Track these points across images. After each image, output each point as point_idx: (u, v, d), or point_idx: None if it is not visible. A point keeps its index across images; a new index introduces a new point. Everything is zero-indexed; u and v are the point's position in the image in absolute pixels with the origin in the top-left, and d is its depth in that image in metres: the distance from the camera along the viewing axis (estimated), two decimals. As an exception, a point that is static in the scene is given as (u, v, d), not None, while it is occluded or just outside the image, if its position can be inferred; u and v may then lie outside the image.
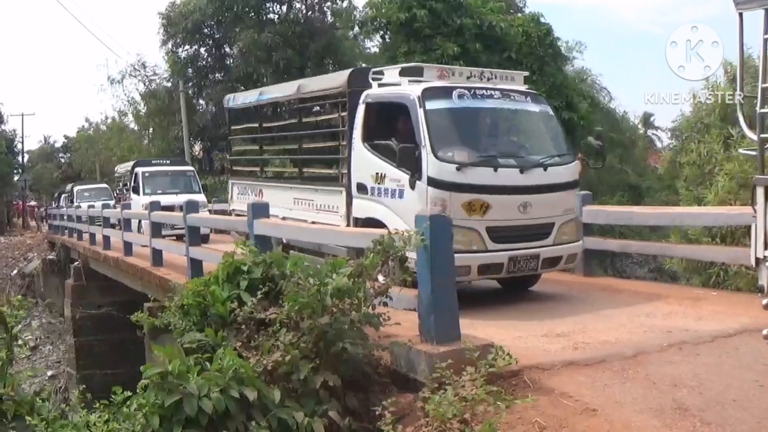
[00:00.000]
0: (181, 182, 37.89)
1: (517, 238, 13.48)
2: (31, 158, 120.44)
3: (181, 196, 31.16)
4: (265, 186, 20.32)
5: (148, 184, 36.52)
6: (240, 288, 10.30)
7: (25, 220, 79.81)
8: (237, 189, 22.40)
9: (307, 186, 17.85)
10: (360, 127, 14.95)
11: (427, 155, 13.01)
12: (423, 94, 13.57)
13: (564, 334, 10.83)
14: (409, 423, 7.89)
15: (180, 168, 41.08)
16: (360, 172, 14.85)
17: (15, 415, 9.90)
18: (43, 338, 39.60)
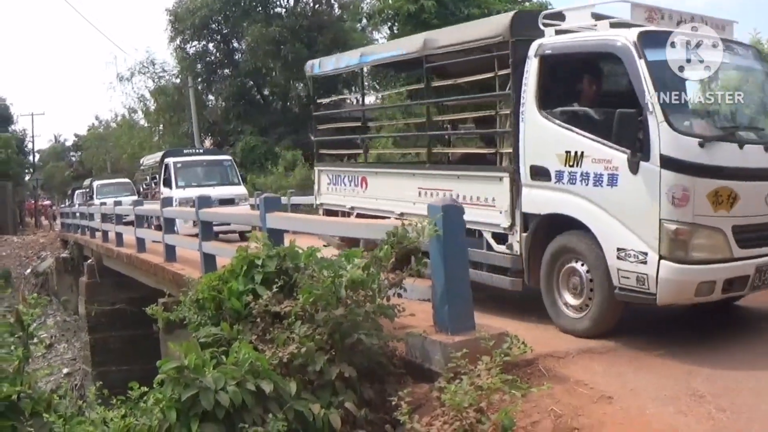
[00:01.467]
0: (217, 173, 34.36)
1: (765, 240, 10.38)
2: (42, 157, 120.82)
3: (218, 189, 30.90)
4: (370, 173, 16.12)
5: (181, 176, 33.06)
6: (255, 281, 10.29)
7: (37, 219, 79.88)
8: (326, 178, 17.94)
9: (443, 172, 14.05)
10: (533, 89, 11.45)
11: (657, 125, 9.67)
12: (640, 40, 10.19)
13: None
14: (425, 413, 7.91)
15: (216, 157, 37.25)
16: (536, 150, 11.40)
17: (32, 412, 9.93)
18: (58, 336, 39.73)
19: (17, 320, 10.34)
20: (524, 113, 11.59)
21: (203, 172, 34.10)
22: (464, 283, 9.38)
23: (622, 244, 10.01)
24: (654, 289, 9.63)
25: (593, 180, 10.50)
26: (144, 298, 16.91)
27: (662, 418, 7.45)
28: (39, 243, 57.54)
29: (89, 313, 31.10)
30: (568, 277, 10.99)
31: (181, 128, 61.18)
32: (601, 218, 10.35)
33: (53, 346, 38.22)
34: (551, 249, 11.20)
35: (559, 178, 11.01)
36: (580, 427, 7.37)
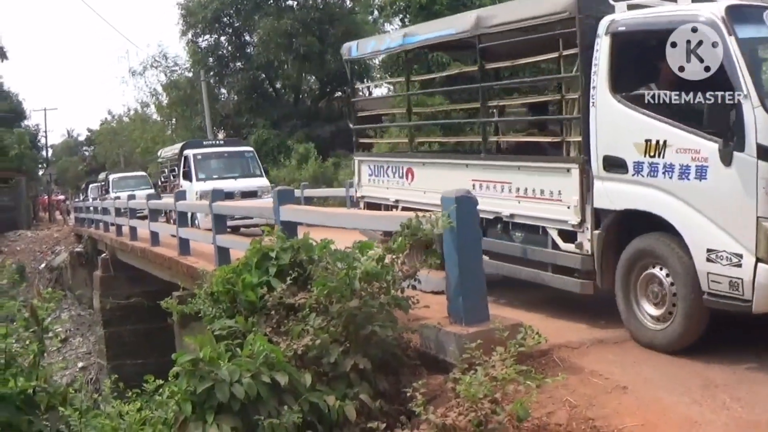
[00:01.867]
0: (238, 165, 33.29)
1: None
2: (55, 152, 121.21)
3: (240, 181, 30.56)
4: (417, 164, 14.77)
5: (201, 168, 31.98)
6: (269, 274, 10.31)
7: (51, 214, 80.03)
8: (367, 169, 16.60)
9: (501, 162, 12.67)
10: (605, 70, 10.31)
11: (753, 110, 8.64)
12: (729, 14, 9.15)
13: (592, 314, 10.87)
14: (440, 404, 7.91)
15: (237, 148, 35.81)
16: (611, 139, 10.25)
17: (48, 406, 9.97)
18: (73, 330, 39.83)
19: (32, 314, 10.38)
20: (595, 97, 10.49)
21: (224, 164, 33.14)
22: (478, 275, 9.37)
23: (712, 245, 8.97)
24: (749, 295, 8.66)
25: (678, 172, 9.41)
26: (158, 292, 16.95)
27: (677, 408, 7.46)
28: (53, 238, 57.67)
29: (104, 306, 31.20)
30: (646, 285, 9.86)
31: (194, 122, 61.24)
32: (688, 215, 9.31)
33: (68, 340, 38.34)
34: (627, 253, 10.08)
35: (637, 171, 9.89)
36: (594, 417, 7.38)
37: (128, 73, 75.97)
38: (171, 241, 23.34)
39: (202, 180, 30.87)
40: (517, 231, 12.14)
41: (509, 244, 12.10)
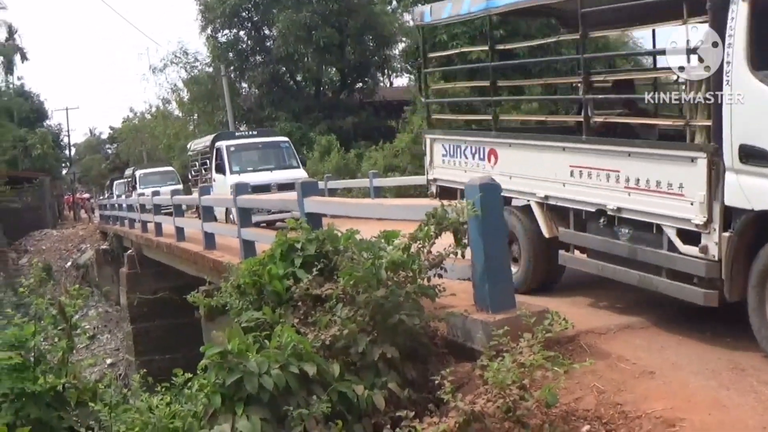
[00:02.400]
0: (273, 156, 31.64)
1: None
2: (78, 151, 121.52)
3: (276, 173, 29.25)
4: (502, 145, 12.87)
5: (235, 160, 30.29)
6: (295, 265, 10.35)
7: (76, 213, 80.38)
8: (441, 149, 14.64)
9: (608, 147, 10.68)
10: (743, 43, 8.52)
11: None
12: None
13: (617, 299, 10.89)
14: (468, 391, 7.93)
15: (272, 139, 34.04)
16: (750, 125, 8.47)
17: (78, 402, 10.03)
18: (101, 327, 40.03)
19: (60, 312, 10.47)
20: (730, 75, 8.70)
21: (259, 155, 31.52)
22: (504, 262, 9.40)
23: None
24: None
25: None
26: (184, 287, 16.96)
27: (705, 392, 7.46)
28: (78, 236, 57.92)
29: (131, 303, 31.31)
30: None
31: (216, 117, 61.29)
32: None
33: (96, 337, 38.49)
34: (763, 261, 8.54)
35: None
36: (623, 402, 7.38)
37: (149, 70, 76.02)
38: (197, 236, 23.39)
39: (236, 173, 29.04)
40: (625, 227, 10.38)
41: (614, 242, 10.47)
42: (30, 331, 10.05)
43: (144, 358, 28.96)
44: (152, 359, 28.03)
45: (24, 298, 17.76)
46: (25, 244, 58.52)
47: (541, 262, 11.91)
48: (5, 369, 9.49)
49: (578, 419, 7.27)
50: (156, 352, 29.08)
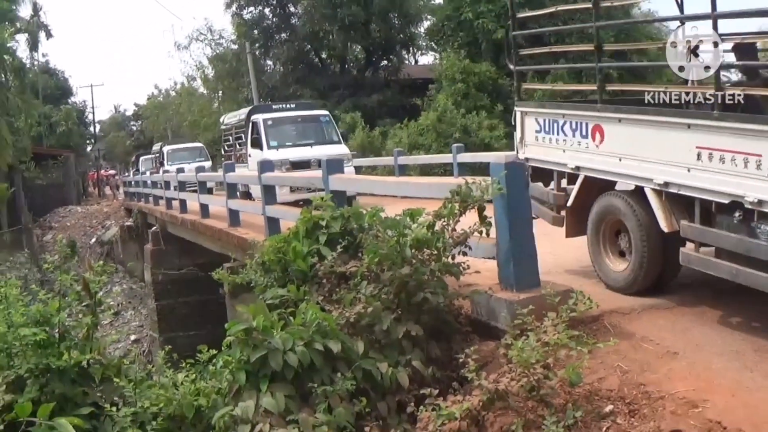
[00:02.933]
0: (313, 130, 29.63)
1: None
2: (102, 128, 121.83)
3: (317, 149, 27.20)
4: (609, 120, 10.83)
5: (272, 135, 28.44)
6: (319, 243, 10.39)
7: (100, 189, 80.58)
8: (534, 123, 12.60)
9: (748, 126, 8.46)
10: None
11: None
12: None
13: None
14: (492, 370, 7.93)
15: (311, 112, 31.62)
16: None
17: (102, 378, 10.08)
18: (125, 303, 40.16)
19: (85, 288, 10.49)
20: None
21: (298, 129, 29.77)
22: (529, 241, 9.36)
23: None
24: None
25: None
26: (209, 264, 16.98)
27: (727, 373, 7.43)
28: (103, 212, 58.09)
29: (155, 279, 31.35)
30: None
31: (241, 94, 61.42)
32: None
33: (120, 314, 38.66)
34: None
35: None
36: (646, 382, 7.37)
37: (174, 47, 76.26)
38: (221, 213, 23.41)
39: (273, 148, 27.62)
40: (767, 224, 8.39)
41: (754, 242, 8.43)
42: (55, 307, 10.08)
43: (168, 335, 29.00)
44: (176, 336, 28.05)
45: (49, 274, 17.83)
46: (49, 220, 58.74)
47: (657, 259, 10.09)
48: (30, 345, 9.53)
49: (601, 399, 7.26)
50: (180, 328, 29.11)
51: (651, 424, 6.69)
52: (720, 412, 6.53)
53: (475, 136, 35.05)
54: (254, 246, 12.35)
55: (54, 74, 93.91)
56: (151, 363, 13.84)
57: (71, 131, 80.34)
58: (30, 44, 69.57)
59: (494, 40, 37.90)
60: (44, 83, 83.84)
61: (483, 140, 34.61)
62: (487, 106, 36.82)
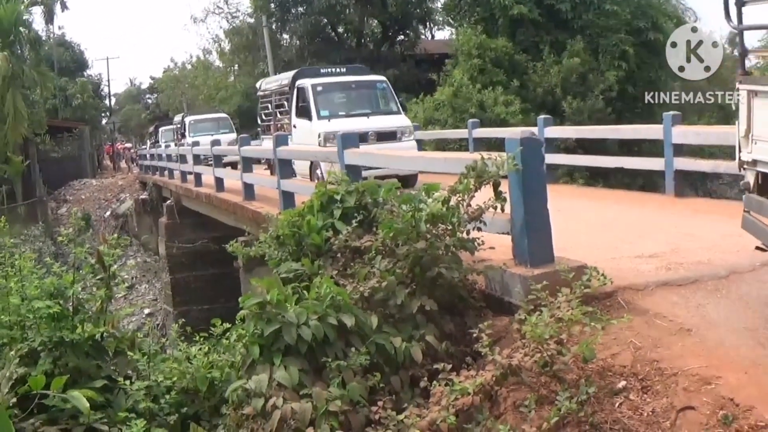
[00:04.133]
0: (368, 98, 26.19)
1: None
2: (118, 101, 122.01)
3: (374, 120, 23.94)
4: None
5: (323, 103, 24.42)
6: (334, 217, 10.40)
7: (115, 162, 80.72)
8: None
9: None
10: None
11: None
12: None
13: (656, 255, 10.77)
14: (506, 345, 7.94)
15: (366, 77, 28.02)
16: None
17: (116, 351, 10.14)
18: (139, 277, 40.33)
19: (99, 261, 10.55)
20: None
21: (351, 97, 25.95)
22: (543, 216, 9.35)
23: None
24: None
25: None
26: (223, 237, 17.00)
27: (741, 350, 7.42)
28: (118, 185, 58.21)
29: (169, 253, 31.50)
30: None
31: (257, 68, 61.37)
32: None
33: (134, 287, 38.87)
34: None
35: None
36: (659, 358, 7.36)
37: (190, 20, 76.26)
38: (236, 186, 23.44)
39: (324, 118, 23.74)
40: None
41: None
42: (69, 280, 10.14)
43: (182, 309, 29.19)
44: (190, 309, 28.23)
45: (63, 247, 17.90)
46: (64, 193, 58.84)
47: None
48: (44, 318, 9.59)
49: (614, 375, 7.27)
50: (194, 302, 29.29)
51: (664, 401, 6.70)
52: (733, 389, 6.53)
53: (491, 111, 34.92)
54: (269, 219, 12.36)
55: (69, 47, 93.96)
56: (165, 336, 13.89)
57: (86, 104, 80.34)
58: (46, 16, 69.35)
59: (511, 15, 37.72)
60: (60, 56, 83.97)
61: (499, 116, 34.44)
62: (503, 82, 36.68)
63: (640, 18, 37.87)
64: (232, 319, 9.24)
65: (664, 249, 11.12)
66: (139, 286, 39.68)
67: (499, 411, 7.31)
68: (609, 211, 15.98)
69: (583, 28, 37.99)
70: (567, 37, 38.06)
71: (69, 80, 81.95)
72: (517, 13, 37.51)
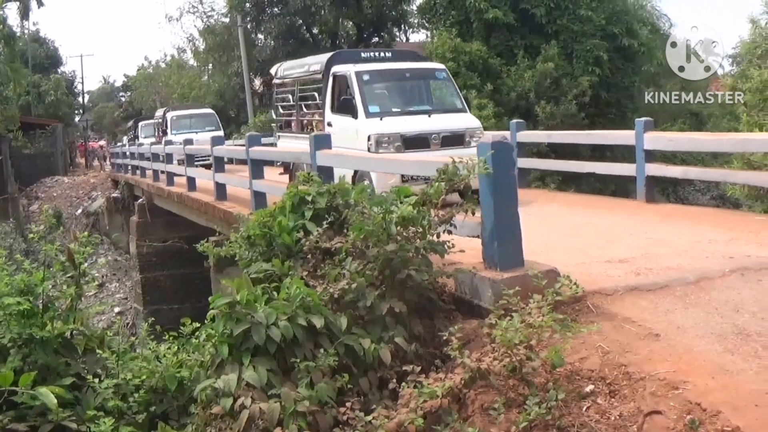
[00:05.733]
0: (425, 91, 20.57)
1: None
2: (91, 98, 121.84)
3: (437, 119, 18.78)
4: None
5: (372, 96, 18.98)
6: (305, 218, 10.39)
7: (88, 160, 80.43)
8: None
9: None
10: None
11: None
12: None
13: (626, 260, 10.84)
14: (475, 348, 7.97)
15: (421, 65, 22.06)
16: None
17: (85, 349, 10.10)
18: (110, 275, 40.21)
19: (69, 258, 10.51)
20: None
21: (406, 89, 20.47)
22: (514, 220, 9.38)
23: None
24: None
25: None
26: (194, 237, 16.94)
27: (709, 356, 7.46)
28: (90, 183, 57.95)
29: (140, 251, 31.43)
30: None
31: (231, 68, 61.31)
32: None
33: (105, 286, 38.74)
34: None
35: None
36: (627, 363, 7.39)
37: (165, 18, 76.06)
38: (208, 186, 23.37)
39: (374, 116, 18.41)
40: None
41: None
42: (39, 278, 10.10)
43: (152, 308, 29.13)
44: (160, 309, 28.21)
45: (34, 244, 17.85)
46: (36, 190, 58.62)
47: None
48: (14, 315, 9.54)
49: (582, 379, 7.29)
50: (164, 301, 29.29)
51: (631, 405, 6.73)
52: (700, 394, 6.56)
53: (465, 115, 34.96)
54: (240, 220, 12.35)
55: (44, 43, 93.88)
56: (135, 335, 13.87)
57: (60, 101, 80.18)
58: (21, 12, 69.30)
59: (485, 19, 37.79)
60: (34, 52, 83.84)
61: (472, 119, 34.52)
62: (476, 86, 36.68)
63: (615, 24, 38.01)
64: (203, 318, 9.23)
65: (633, 254, 11.19)
66: (109, 285, 39.53)
67: (468, 414, 7.32)
68: (580, 215, 16.04)
69: (557, 32, 38.13)
70: (541, 41, 38.16)
71: (43, 77, 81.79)
72: (492, 17, 37.59)
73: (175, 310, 25.68)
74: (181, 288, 28.78)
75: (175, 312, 22.83)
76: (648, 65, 39.15)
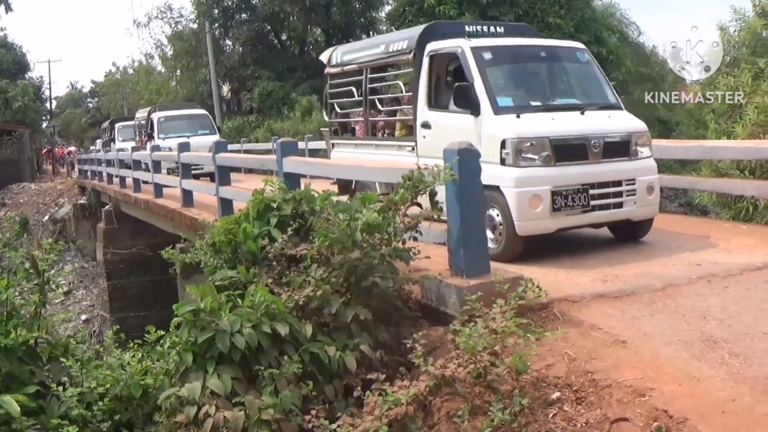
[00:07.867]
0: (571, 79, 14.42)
1: None
2: (59, 104, 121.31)
3: (592, 117, 12.57)
4: None
5: (500, 84, 12.87)
6: (270, 225, 10.35)
7: (55, 167, 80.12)
8: None
9: None
10: None
11: None
12: None
13: (593, 267, 10.85)
14: (440, 355, 7.96)
15: (557, 43, 15.61)
16: None
17: (50, 357, 10.04)
18: (76, 282, 39.93)
19: (33, 266, 10.44)
20: None
21: (543, 75, 14.30)
22: (479, 227, 9.39)
23: None
24: None
25: None
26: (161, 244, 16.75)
27: (675, 363, 7.47)
28: (57, 190, 57.64)
29: (107, 259, 31.23)
30: None
31: (199, 74, 61.28)
32: None
33: (71, 293, 38.47)
34: None
35: None
36: (593, 370, 7.39)
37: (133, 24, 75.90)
38: (175, 193, 23.27)
39: (507, 111, 12.15)
40: None
41: None
42: (3, 285, 10.01)
43: (119, 315, 29.00)
44: (127, 316, 28.10)
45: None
46: (2, 197, 58.22)
47: None
48: (-23, 322, 9.49)
49: (549, 386, 7.29)
50: (131, 309, 29.10)
51: (597, 412, 6.73)
52: (666, 401, 6.57)
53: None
54: (205, 226, 12.28)
55: (11, 49, 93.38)
56: (102, 343, 13.79)
57: (27, 107, 79.80)
58: (-12, 17, 69.12)
59: (454, 26, 37.90)
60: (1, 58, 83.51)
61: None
62: (446, 92, 36.80)
63: (584, 31, 38.18)
64: (169, 326, 9.18)
65: (601, 261, 11.18)
66: (76, 292, 39.28)
67: (433, 421, 7.31)
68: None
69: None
70: None
71: (10, 82, 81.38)
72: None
73: (143, 317, 25.49)
74: (149, 295, 28.58)
75: (143, 319, 22.70)
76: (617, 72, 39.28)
